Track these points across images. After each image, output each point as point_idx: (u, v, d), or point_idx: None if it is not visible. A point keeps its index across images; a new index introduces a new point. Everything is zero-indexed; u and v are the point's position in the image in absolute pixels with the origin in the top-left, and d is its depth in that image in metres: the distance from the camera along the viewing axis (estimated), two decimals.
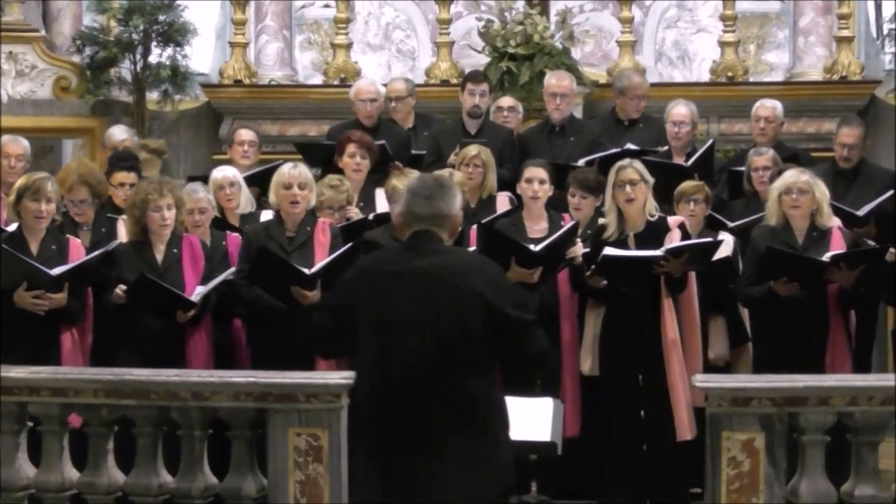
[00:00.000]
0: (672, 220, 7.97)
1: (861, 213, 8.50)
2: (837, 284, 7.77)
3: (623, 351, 7.79)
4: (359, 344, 5.31)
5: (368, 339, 5.26)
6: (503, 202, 8.84)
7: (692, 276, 7.93)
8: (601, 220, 8.06)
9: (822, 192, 7.92)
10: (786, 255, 7.72)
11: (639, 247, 7.82)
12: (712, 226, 8.58)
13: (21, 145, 9.49)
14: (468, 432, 5.16)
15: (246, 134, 10.10)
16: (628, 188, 7.83)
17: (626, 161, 8.05)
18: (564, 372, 7.96)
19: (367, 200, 8.99)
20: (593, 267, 7.76)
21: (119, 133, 10.18)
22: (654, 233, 7.84)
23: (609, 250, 7.70)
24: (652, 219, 7.91)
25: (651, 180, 7.96)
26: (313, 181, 8.06)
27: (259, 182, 9.20)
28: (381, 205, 8.76)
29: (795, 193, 7.85)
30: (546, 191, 8.24)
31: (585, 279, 7.85)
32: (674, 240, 7.82)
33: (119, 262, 7.70)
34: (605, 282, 7.83)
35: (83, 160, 10.34)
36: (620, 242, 7.84)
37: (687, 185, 8.49)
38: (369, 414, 5.30)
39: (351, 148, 9.07)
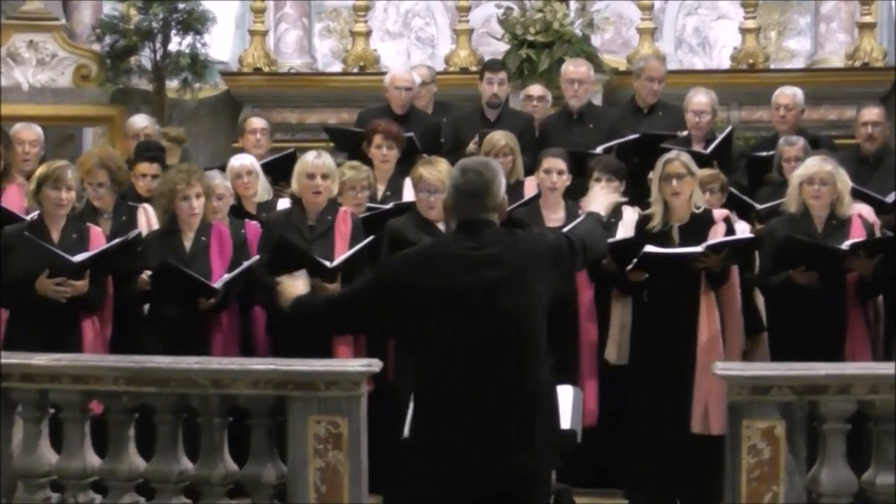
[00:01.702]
0: (717, 214, 7.94)
1: (890, 199, 8.46)
2: (856, 273, 7.74)
3: (659, 343, 7.76)
4: (417, 330, 5.32)
5: (429, 327, 5.26)
6: (531, 187, 8.79)
7: (734, 268, 7.89)
8: (645, 211, 8.00)
9: (844, 181, 7.87)
10: (804, 244, 7.69)
11: (682, 238, 7.78)
12: (735, 207, 8.56)
13: (34, 132, 9.51)
14: (525, 415, 5.22)
15: (257, 122, 10.09)
16: (675, 182, 7.79)
17: (674, 153, 7.98)
18: (583, 366, 7.94)
19: (394, 190, 8.96)
20: (635, 261, 7.74)
21: (141, 121, 10.19)
22: (698, 225, 7.81)
23: (649, 248, 7.67)
24: (697, 211, 7.87)
25: (698, 173, 7.92)
26: (336, 171, 8.05)
27: (273, 170, 9.20)
28: (409, 194, 8.74)
29: (817, 184, 7.81)
30: (564, 181, 8.23)
31: (626, 273, 7.80)
32: (718, 233, 7.77)
33: (146, 249, 7.72)
34: (646, 275, 7.81)
35: (105, 147, 10.35)
36: (664, 234, 7.81)
37: (702, 174, 8.42)
38: (434, 398, 5.30)
39: (377, 139, 9.04)
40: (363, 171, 8.45)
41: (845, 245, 7.65)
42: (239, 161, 8.85)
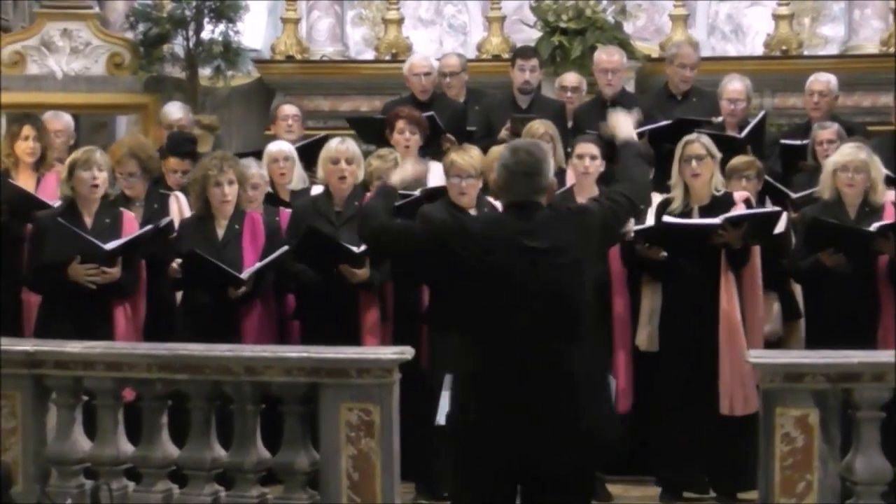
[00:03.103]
0: (738, 195, 7.92)
1: None
2: (888, 257, 7.69)
3: (683, 326, 7.75)
4: (467, 308, 5.35)
5: (482, 307, 5.29)
6: (572, 176, 8.79)
7: (755, 250, 7.86)
8: (663, 196, 8.00)
9: (878, 170, 7.83)
10: (831, 226, 7.65)
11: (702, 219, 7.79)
12: (770, 195, 8.52)
13: (62, 120, 9.52)
14: (573, 393, 5.25)
15: (289, 109, 10.07)
16: (694, 163, 7.79)
17: (694, 135, 7.99)
18: (617, 346, 7.92)
19: None
20: (651, 237, 7.74)
21: (175, 111, 10.14)
22: (719, 207, 7.80)
23: (667, 218, 7.68)
24: (718, 193, 7.86)
25: (718, 155, 7.90)
26: (361, 156, 8.06)
27: (305, 155, 9.19)
28: (434, 179, 8.73)
29: (851, 172, 7.77)
30: (597, 166, 8.19)
31: (644, 251, 7.80)
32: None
33: (180, 235, 7.74)
34: (664, 253, 7.79)
35: (136, 135, 10.37)
36: (685, 216, 7.80)
37: (738, 160, 8.42)
38: (483, 380, 5.31)
39: (400, 124, 9.06)
40: (389, 160, 8.45)
41: (873, 227, 7.61)
42: (277, 146, 8.86)
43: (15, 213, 8.17)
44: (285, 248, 7.73)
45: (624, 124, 6.14)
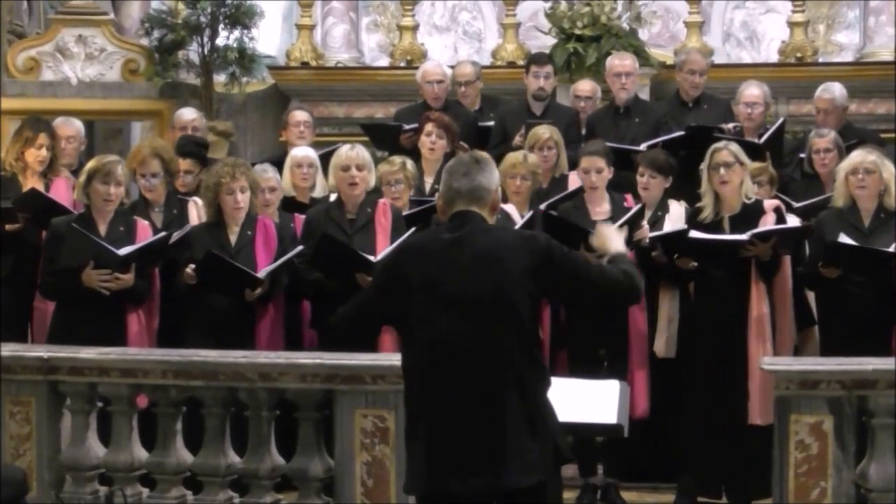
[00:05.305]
0: (768, 204, 7.90)
1: None
2: None
3: (707, 332, 7.73)
4: (406, 322, 5.20)
5: (415, 318, 5.15)
6: (575, 181, 8.79)
7: (786, 259, 7.85)
8: (697, 204, 7.99)
9: (891, 172, 7.82)
10: (852, 248, 7.62)
11: (733, 229, 7.75)
12: None
13: (73, 127, 9.54)
14: (514, 410, 5.05)
15: (300, 115, 10.04)
16: (722, 171, 7.77)
17: (722, 143, 7.96)
18: (632, 352, 7.91)
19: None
20: (680, 248, 7.74)
21: (188, 113, 10.15)
22: (749, 216, 7.78)
23: (693, 233, 7.67)
24: (748, 201, 7.84)
25: (748, 162, 7.89)
26: (372, 162, 8.05)
27: (323, 164, 9.20)
28: None
29: (861, 173, 7.77)
30: (604, 178, 8.19)
31: (674, 260, 7.80)
32: (768, 223, 7.75)
33: (192, 242, 7.73)
34: (694, 263, 7.78)
35: (157, 138, 10.37)
36: (715, 224, 7.80)
37: (751, 166, 8.40)
38: (417, 392, 5.20)
39: (429, 127, 9.09)
40: (395, 165, 8.46)
41: (894, 248, 7.59)
42: (302, 152, 8.81)
43: (36, 220, 8.20)
44: (300, 247, 7.72)
45: (614, 239, 5.56)
